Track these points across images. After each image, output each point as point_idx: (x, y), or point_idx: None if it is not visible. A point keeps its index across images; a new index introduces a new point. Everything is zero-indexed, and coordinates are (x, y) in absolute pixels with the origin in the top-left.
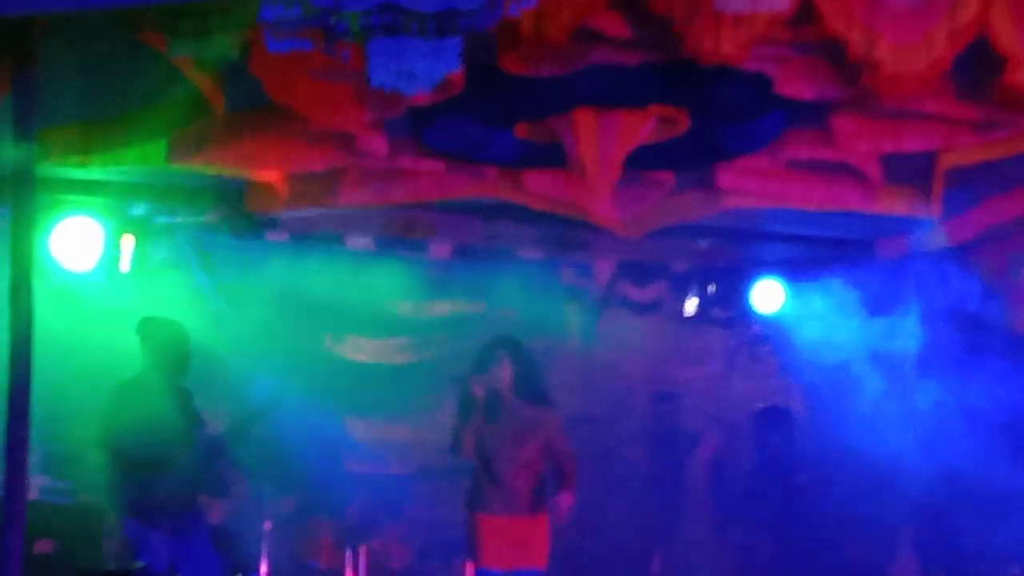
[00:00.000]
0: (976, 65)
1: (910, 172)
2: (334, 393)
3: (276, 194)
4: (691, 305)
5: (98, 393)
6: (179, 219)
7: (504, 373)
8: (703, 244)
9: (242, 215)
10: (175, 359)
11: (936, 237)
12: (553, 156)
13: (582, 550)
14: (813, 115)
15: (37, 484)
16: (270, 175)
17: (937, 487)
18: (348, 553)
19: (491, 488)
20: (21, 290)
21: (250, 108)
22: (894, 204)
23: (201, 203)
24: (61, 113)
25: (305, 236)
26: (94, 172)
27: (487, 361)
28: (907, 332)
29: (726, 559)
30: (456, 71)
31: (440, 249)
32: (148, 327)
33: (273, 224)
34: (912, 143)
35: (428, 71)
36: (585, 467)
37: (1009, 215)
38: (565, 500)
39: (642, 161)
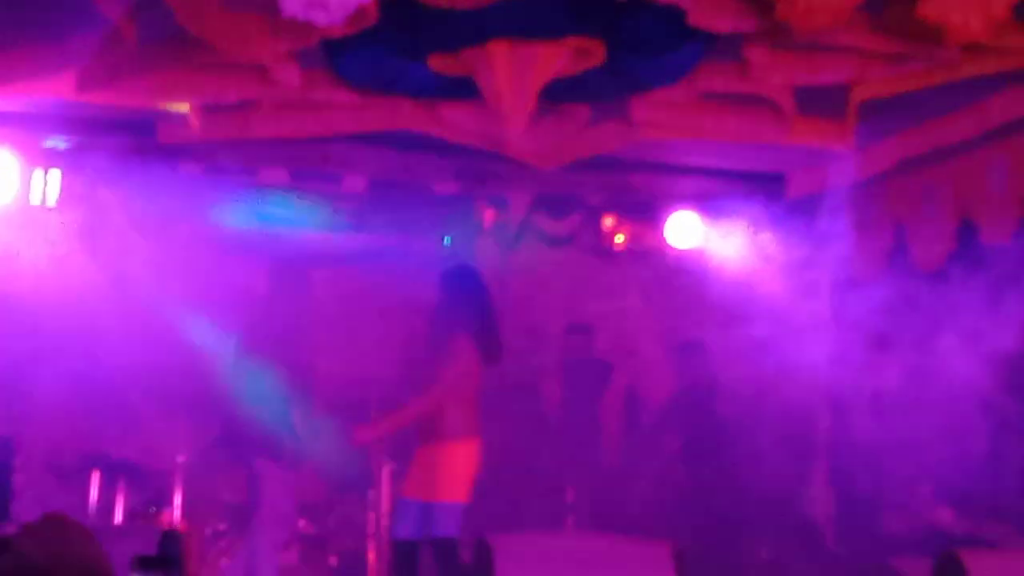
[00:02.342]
0: None
1: (824, 104)
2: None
3: (188, 125)
4: (618, 238)
5: None
6: (90, 151)
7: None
8: (618, 177)
9: (154, 146)
10: None
11: (848, 170)
12: (468, 88)
13: (497, 481)
14: (727, 47)
15: None
16: (182, 106)
17: (851, 416)
18: None
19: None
20: None
21: (162, 39)
22: (808, 136)
23: (113, 135)
24: None
25: (218, 168)
26: (2, 104)
27: None
28: (820, 265)
29: (641, 489)
30: (368, 1)
31: (354, 182)
32: None
33: (186, 156)
34: (826, 75)
35: (340, 1)
36: (500, 399)
37: (921, 148)
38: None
39: (557, 93)
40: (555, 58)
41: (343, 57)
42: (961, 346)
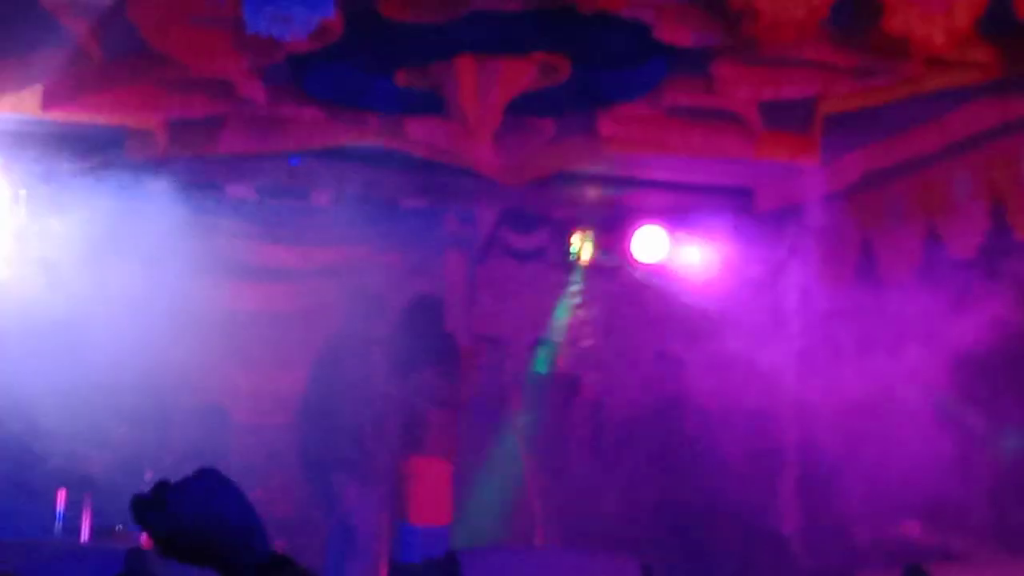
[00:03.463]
0: (854, 12)
1: (790, 119)
2: (215, 342)
3: (155, 141)
4: (585, 252)
5: None
6: (58, 167)
7: None
8: (585, 192)
9: (122, 163)
10: None
11: (815, 184)
12: (434, 103)
13: (464, 496)
14: (693, 62)
15: None
16: (148, 122)
17: (818, 428)
18: None
19: None
20: None
21: (127, 55)
22: (774, 151)
23: (80, 151)
24: None
25: (185, 184)
26: None
27: None
28: (787, 278)
29: (609, 503)
30: (331, 17)
31: (321, 197)
32: None
33: (153, 172)
34: (791, 90)
35: (303, 16)
36: (468, 413)
37: (886, 162)
38: None
39: (523, 108)
40: (521, 73)
41: (309, 73)
42: (927, 358)
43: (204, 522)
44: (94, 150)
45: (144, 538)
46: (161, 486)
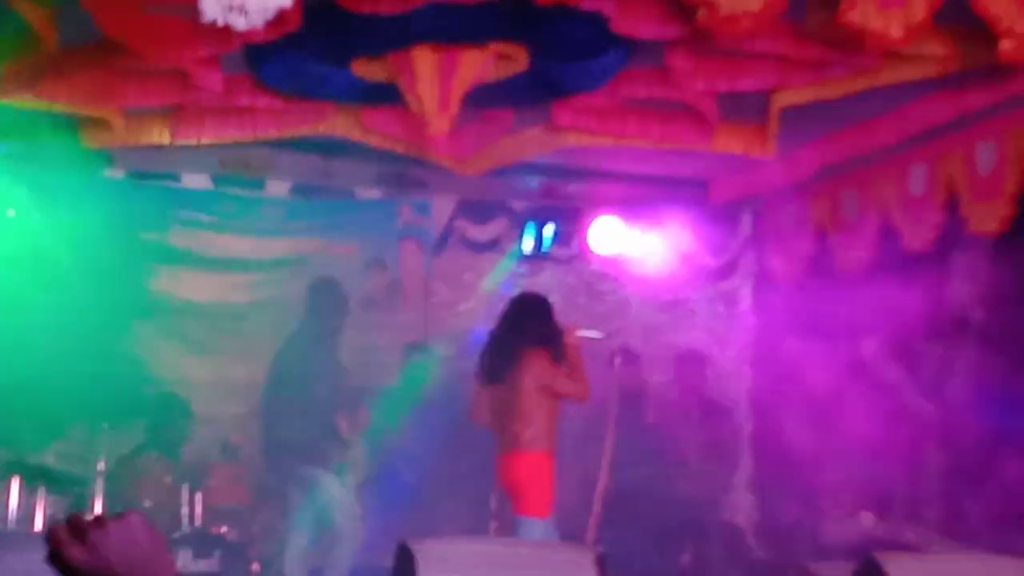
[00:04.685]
0: (811, 5)
1: (746, 111)
2: (171, 332)
3: (111, 129)
4: (528, 244)
5: None
6: (12, 155)
7: None
8: (541, 182)
9: (77, 151)
10: None
11: (771, 176)
12: (391, 93)
13: (420, 489)
14: (650, 54)
15: None
16: (105, 110)
17: (774, 420)
18: (184, 493)
19: None
20: None
21: (83, 43)
22: (730, 143)
23: (35, 139)
24: None
25: (141, 173)
26: None
27: None
28: (743, 269)
29: (565, 495)
30: (288, 6)
31: (278, 187)
32: None
33: (109, 161)
34: (748, 82)
35: (259, 5)
36: (424, 407)
37: (842, 154)
38: None
39: (480, 99)
40: (478, 63)
41: (266, 62)
42: (881, 349)
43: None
44: (50, 138)
45: None
46: (80, 520)
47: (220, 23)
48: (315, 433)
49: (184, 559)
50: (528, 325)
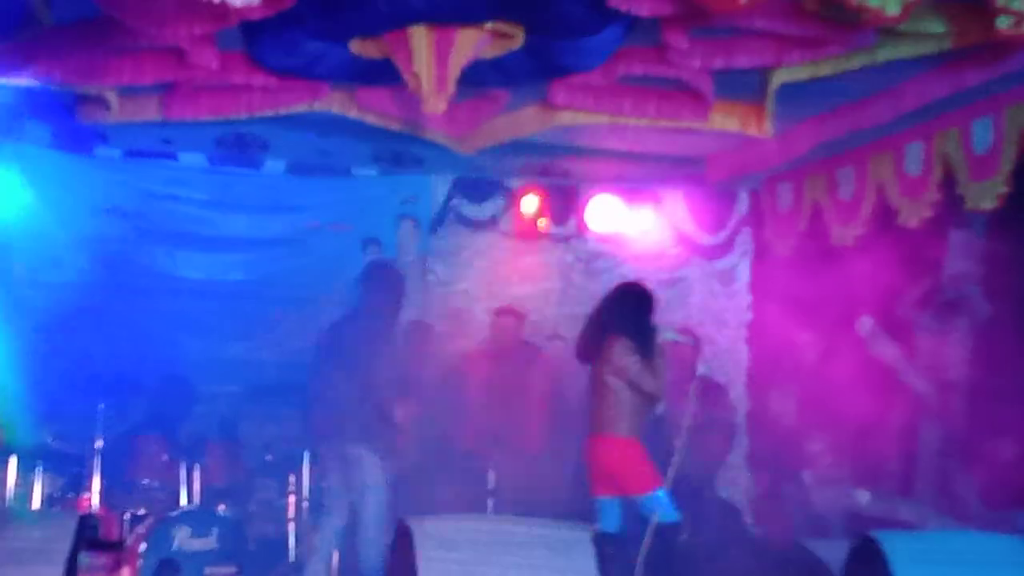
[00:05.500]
0: None
1: (742, 89)
2: (168, 310)
3: (107, 107)
4: (540, 222)
5: None
6: (9, 133)
7: None
8: (538, 161)
9: (73, 128)
10: None
11: (767, 153)
12: (388, 72)
13: (423, 466)
14: (647, 31)
15: None
16: (100, 88)
17: (771, 398)
18: (181, 471)
19: None
20: None
21: (79, 21)
22: (726, 121)
23: (35, 116)
24: None
25: (137, 151)
26: None
27: None
28: (739, 246)
29: (564, 473)
30: None
31: (274, 165)
32: None
33: (104, 138)
34: (744, 60)
35: None
36: (424, 383)
37: (837, 132)
38: None
39: (477, 77)
40: (474, 42)
41: (262, 40)
42: (878, 328)
43: None
44: (48, 116)
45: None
46: None
47: (216, 1)
48: (367, 415)
49: (182, 537)
50: (624, 312)
